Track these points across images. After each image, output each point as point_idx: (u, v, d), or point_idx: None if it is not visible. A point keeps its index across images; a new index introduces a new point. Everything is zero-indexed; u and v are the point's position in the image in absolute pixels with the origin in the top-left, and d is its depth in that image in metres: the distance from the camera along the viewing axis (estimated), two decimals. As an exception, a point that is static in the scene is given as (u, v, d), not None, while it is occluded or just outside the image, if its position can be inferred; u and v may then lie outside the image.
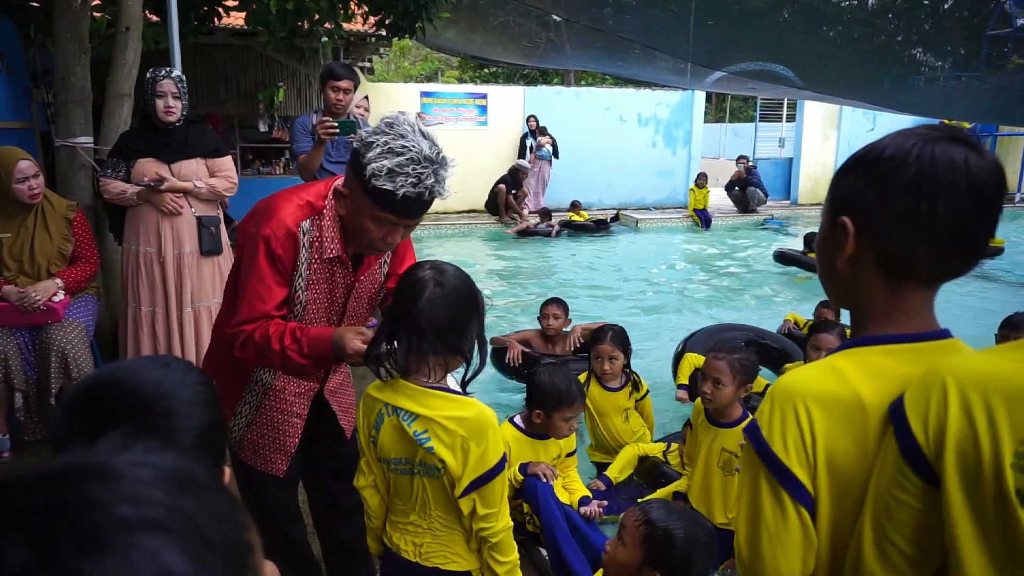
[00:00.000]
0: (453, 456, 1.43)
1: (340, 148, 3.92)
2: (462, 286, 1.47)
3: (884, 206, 0.90)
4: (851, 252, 0.94)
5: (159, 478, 0.40)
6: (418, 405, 1.45)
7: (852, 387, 0.91)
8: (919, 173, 0.87)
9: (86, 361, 3.17)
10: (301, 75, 9.74)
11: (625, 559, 1.72)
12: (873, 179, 0.91)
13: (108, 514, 0.37)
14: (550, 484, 2.42)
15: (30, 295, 3.02)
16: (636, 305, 6.94)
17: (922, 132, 0.90)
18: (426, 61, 24.43)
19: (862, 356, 0.94)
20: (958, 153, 0.87)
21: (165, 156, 3.33)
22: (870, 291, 0.95)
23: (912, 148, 0.88)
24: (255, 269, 1.62)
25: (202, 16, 5.79)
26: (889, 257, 0.92)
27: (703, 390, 2.56)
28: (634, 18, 7.43)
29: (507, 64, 14.90)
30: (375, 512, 1.63)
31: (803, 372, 0.96)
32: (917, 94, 6.67)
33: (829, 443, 0.90)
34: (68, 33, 3.75)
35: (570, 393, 2.47)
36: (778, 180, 13.93)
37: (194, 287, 3.44)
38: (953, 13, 6.07)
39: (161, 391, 0.92)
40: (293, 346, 1.59)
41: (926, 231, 0.88)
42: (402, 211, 1.53)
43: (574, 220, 10.85)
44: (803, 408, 0.90)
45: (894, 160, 0.89)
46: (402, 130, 1.49)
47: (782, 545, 0.91)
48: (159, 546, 0.37)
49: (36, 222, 3.15)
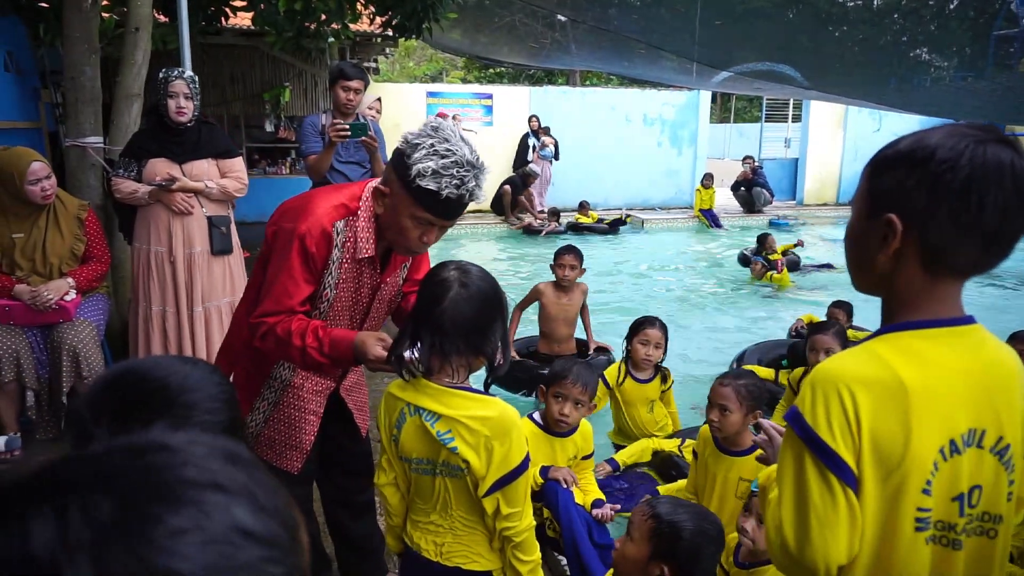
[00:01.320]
0: (477, 456, 1.44)
1: (350, 148, 3.93)
2: (486, 287, 1.48)
3: (935, 206, 0.92)
4: (896, 248, 0.97)
5: (213, 452, 0.43)
6: (441, 405, 1.46)
7: (892, 369, 0.94)
8: (971, 176, 0.90)
9: (97, 360, 3.19)
10: (307, 75, 9.77)
11: (633, 554, 1.73)
12: (924, 179, 0.93)
13: (177, 475, 0.40)
14: (570, 490, 2.42)
15: (42, 294, 3.04)
16: (643, 304, 6.96)
17: (970, 133, 0.93)
18: (431, 61, 24.46)
19: (899, 340, 0.97)
20: (1005, 155, 0.90)
21: (177, 156, 3.35)
22: (909, 282, 0.98)
23: (964, 150, 0.90)
24: (286, 264, 1.66)
25: (210, 16, 5.81)
26: (934, 253, 0.95)
27: (710, 418, 2.49)
28: (640, 18, 7.44)
29: (513, 64, 14.90)
30: (395, 510, 1.64)
31: (843, 357, 0.99)
32: (924, 94, 6.67)
33: (873, 424, 0.92)
34: (78, 33, 3.77)
35: (564, 371, 2.53)
36: (784, 180, 13.91)
37: (204, 286, 3.46)
38: (959, 13, 6.05)
39: (186, 385, 0.93)
40: (315, 344, 1.62)
41: (972, 230, 0.92)
42: (442, 211, 1.58)
43: (581, 221, 10.84)
44: (847, 391, 0.93)
45: (947, 162, 0.91)
46: (446, 135, 1.55)
47: (831, 528, 0.93)
48: (227, 502, 0.40)
49: (48, 222, 3.17)
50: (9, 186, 3.02)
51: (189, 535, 0.38)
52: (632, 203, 12.75)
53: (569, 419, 2.55)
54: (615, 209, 12.17)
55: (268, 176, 9.88)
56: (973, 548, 0.99)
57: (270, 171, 10.03)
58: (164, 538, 0.37)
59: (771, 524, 1.00)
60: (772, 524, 1.00)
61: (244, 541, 0.40)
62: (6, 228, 3.08)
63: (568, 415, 2.54)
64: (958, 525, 0.97)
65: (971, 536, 0.99)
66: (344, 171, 3.96)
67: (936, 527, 0.97)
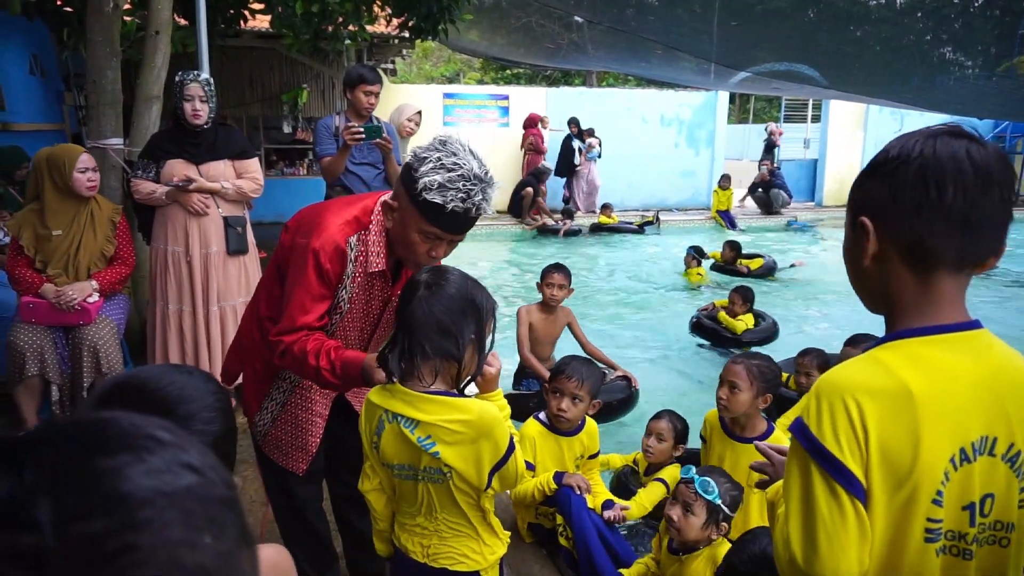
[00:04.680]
0: (462, 459, 1.44)
1: (363, 149, 3.95)
2: (455, 291, 1.46)
3: (896, 201, 0.95)
4: (874, 250, 0.98)
5: (148, 420, 0.49)
6: (416, 411, 1.44)
7: (898, 377, 0.92)
8: (923, 166, 0.93)
9: (117, 357, 3.26)
10: (325, 77, 9.85)
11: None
12: (882, 178, 0.97)
13: (117, 429, 0.46)
14: (583, 497, 2.41)
15: (67, 293, 3.11)
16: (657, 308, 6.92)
17: (923, 131, 0.96)
18: (448, 63, 24.54)
19: (904, 348, 0.96)
20: (958, 144, 0.93)
21: (194, 157, 3.39)
22: (900, 286, 0.98)
23: (914, 145, 0.94)
24: (302, 281, 1.68)
25: (228, 19, 5.88)
26: (911, 248, 0.96)
27: (718, 396, 2.45)
28: (657, 19, 7.39)
29: (529, 65, 14.91)
30: (381, 515, 1.65)
31: (847, 367, 0.98)
32: (947, 93, 6.56)
33: (881, 435, 0.91)
34: (100, 37, 3.83)
35: (560, 367, 2.59)
36: (802, 182, 13.76)
37: (220, 286, 3.50)
38: (984, 12, 5.94)
39: (184, 395, 0.95)
40: (327, 366, 1.65)
41: (940, 218, 0.93)
42: (449, 225, 1.57)
43: (604, 223, 10.82)
44: (852, 401, 0.92)
45: (899, 158, 0.95)
46: (454, 148, 1.55)
47: (840, 542, 0.91)
48: (163, 446, 0.46)
49: (85, 222, 3.26)
50: (58, 176, 3.15)
51: (133, 467, 0.43)
52: (648, 204, 12.69)
53: (568, 414, 2.52)
54: (631, 210, 12.12)
55: (286, 177, 9.97)
56: (984, 557, 0.97)
57: (288, 172, 10.12)
58: (111, 472, 0.42)
59: (779, 539, 0.98)
60: (780, 539, 0.98)
61: (183, 470, 0.45)
62: (46, 224, 3.17)
63: (566, 410, 2.52)
64: (969, 535, 0.95)
65: (983, 545, 0.97)
66: (358, 172, 3.98)
67: (947, 537, 0.95)
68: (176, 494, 0.43)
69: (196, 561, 0.42)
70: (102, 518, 0.40)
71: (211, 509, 0.45)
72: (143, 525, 0.41)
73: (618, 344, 5.57)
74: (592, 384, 2.56)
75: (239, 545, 0.46)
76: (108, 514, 0.40)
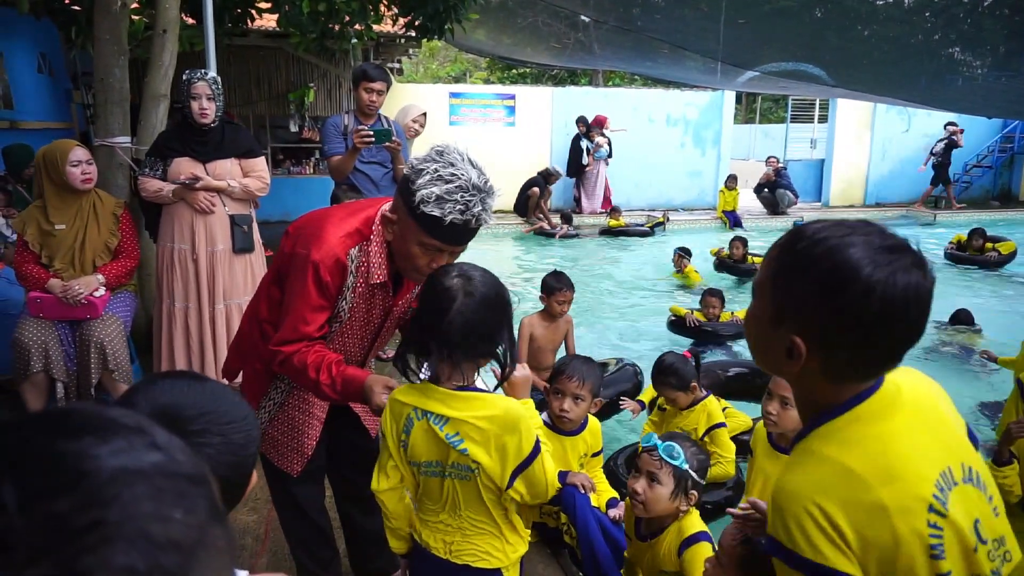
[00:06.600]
0: (487, 455, 1.45)
1: (371, 148, 3.96)
2: (490, 292, 1.47)
3: (844, 337, 0.93)
4: (797, 368, 0.97)
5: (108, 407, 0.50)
6: (448, 408, 1.47)
7: (844, 466, 0.92)
8: (882, 310, 0.90)
9: (124, 355, 3.27)
10: (331, 76, 9.86)
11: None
12: (836, 310, 0.92)
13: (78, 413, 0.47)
14: (587, 496, 2.41)
15: (73, 288, 3.12)
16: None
17: (882, 258, 0.90)
18: (455, 62, 24.55)
19: (834, 433, 0.97)
20: (914, 278, 0.90)
21: (200, 156, 3.40)
22: (818, 390, 0.99)
23: (876, 285, 0.90)
24: (302, 292, 1.67)
25: (236, 18, 5.90)
26: (838, 371, 0.96)
27: (767, 410, 2.30)
28: (663, 18, 7.37)
29: (536, 65, 14.89)
30: (393, 514, 1.64)
31: (793, 474, 0.96)
32: (955, 92, 6.52)
33: (853, 525, 0.89)
34: (108, 35, 3.85)
35: (561, 367, 2.57)
36: (809, 182, 13.71)
37: (226, 284, 3.51)
38: (993, 11, 5.91)
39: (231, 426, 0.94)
40: (327, 381, 1.65)
41: (878, 349, 0.93)
42: (448, 237, 1.55)
43: (613, 226, 10.76)
44: (813, 506, 0.90)
45: (860, 296, 0.90)
46: (452, 158, 1.52)
47: None
48: (127, 430, 0.46)
49: (88, 216, 3.27)
50: (54, 172, 3.16)
51: (97, 447, 0.44)
52: (654, 204, 12.67)
53: (570, 414, 2.51)
54: (637, 210, 12.10)
55: (292, 176, 9.99)
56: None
57: (294, 171, 10.14)
58: (74, 453, 0.43)
59: None
60: None
61: (148, 449, 0.45)
62: (49, 220, 3.19)
63: (568, 410, 2.50)
64: (987, 570, 0.94)
65: (1004, 563, 0.97)
66: (366, 171, 3.99)
67: None
68: (143, 471, 0.44)
69: (168, 535, 0.42)
70: (68, 496, 0.40)
71: (180, 485, 0.45)
72: (111, 501, 0.41)
73: (618, 344, 5.55)
74: (593, 383, 2.55)
75: (211, 521, 0.46)
76: (74, 492, 0.41)
